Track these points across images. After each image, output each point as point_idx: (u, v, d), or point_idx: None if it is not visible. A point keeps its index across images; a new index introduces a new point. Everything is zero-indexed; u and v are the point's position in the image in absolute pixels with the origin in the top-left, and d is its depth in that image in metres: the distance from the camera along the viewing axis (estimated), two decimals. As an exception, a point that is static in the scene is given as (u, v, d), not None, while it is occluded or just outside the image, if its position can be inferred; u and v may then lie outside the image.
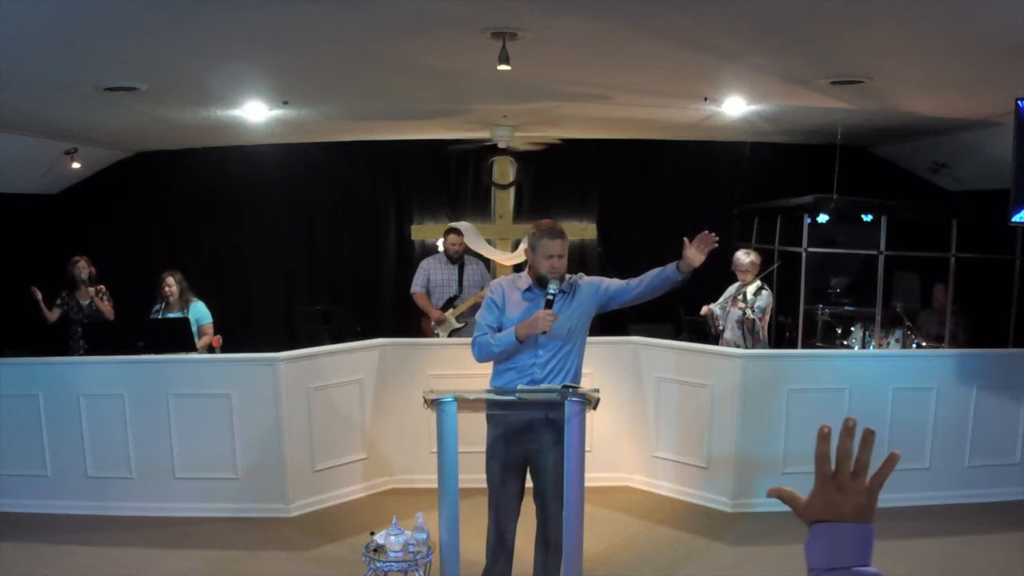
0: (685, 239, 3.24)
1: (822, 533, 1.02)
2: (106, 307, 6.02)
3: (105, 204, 7.77)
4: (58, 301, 5.96)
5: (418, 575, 3.27)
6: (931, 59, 3.87)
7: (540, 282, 3.34)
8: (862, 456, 1.01)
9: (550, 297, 3.25)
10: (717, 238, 3.23)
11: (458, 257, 6.35)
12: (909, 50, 3.70)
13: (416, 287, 6.34)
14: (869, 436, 1.01)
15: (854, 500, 1.01)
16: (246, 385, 4.67)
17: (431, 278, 6.31)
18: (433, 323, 6.26)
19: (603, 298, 3.41)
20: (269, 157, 7.75)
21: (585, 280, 3.45)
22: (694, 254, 3.20)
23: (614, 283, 3.42)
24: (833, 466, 1.02)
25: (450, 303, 6.26)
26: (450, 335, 6.16)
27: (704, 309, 5.80)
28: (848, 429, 1.01)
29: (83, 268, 5.99)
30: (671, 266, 3.27)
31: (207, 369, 4.83)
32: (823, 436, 1.02)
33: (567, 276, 3.40)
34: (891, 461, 1.02)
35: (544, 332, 3.21)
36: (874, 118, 5.72)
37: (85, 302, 6.01)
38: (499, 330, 3.36)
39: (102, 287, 6.06)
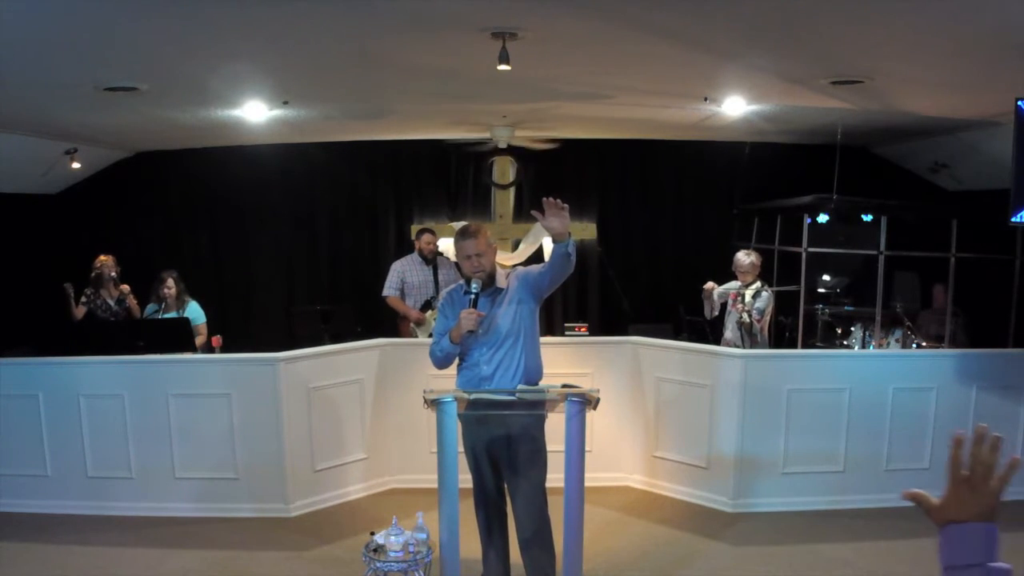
0: (534, 212, 3.22)
1: (956, 533, 1.10)
2: (135, 305, 6.03)
3: (105, 204, 7.77)
4: (83, 299, 5.96)
5: (418, 575, 3.27)
6: (931, 59, 3.87)
7: (469, 283, 3.42)
8: (991, 460, 1.10)
9: (472, 295, 3.35)
10: (558, 201, 3.14)
11: (433, 257, 6.29)
12: (909, 50, 3.70)
13: (389, 290, 6.18)
14: (997, 442, 1.10)
15: (983, 501, 1.09)
16: (246, 385, 4.67)
17: (406, 280, 6.17)
18: (412, 324, 6.16)
19: (533, 287, 3.45)
20: (269, 157, 7.75)
21: (517, 273, 3.51)
22: (549, 223, 3.16)
23: (535, 270, 3.47)
24: (966, 471, 1.11)
25: (428, 305, 6.15)
26: (430, 336, 6.08)
27: (709, 284, 5.62)
28: (981, 436, 1.10)
29: (111, 267, 6.00)
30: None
31: (207, 369, 4.83)
32: (957, 443, 1.12)
33: (502, 272, 3.49)
34: (1014, 464, 1.10)
35: (471, 331, 3.32)
36: (874, 118, 5.72)
37: (112, 300, 6.00)
38: None
39: (126, 286, 6.05)
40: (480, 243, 3.41)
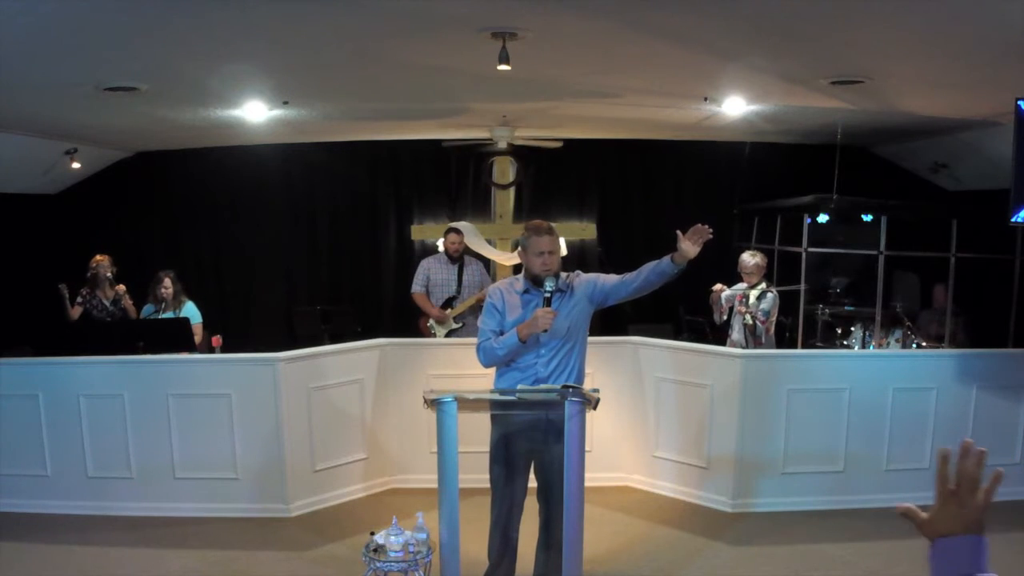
0: (679, 232, 3.27)
1: (947, 546, 1.14)
2: (131, 306, 6.03)
3: (105, 204, 7.77)
4: (79, 299, 5.94)
5: (418, 575, 3.27)
6: (931, 59, 3.87)
7: (536, 281, 3.36)
8: (976, 474, 1.14)
9: (547, 295, 3.27)
10: (711, 230, 3.25)
11: (458, 257, 6.36)
12: (909, 50, 3.70)
13: (416, 287, 6.35)
14: (982, 456, 1.15)
15: (970, 514, 1.14)
16: (246, 385, 4.66)
17: (431, 278, 6.31)
18: (431, 322, 6.26)
19: (600, 295, 3.42)
20: (269, 157, 7.75)
21: (581, 278, 3.47)
22: (689, 246, 3.22)
23: (610, 279, 3.43)
24: (952, 485, 1.14)
25: (448, 303, 6.26)
26: (447, 335, 6.16)
27: (717, 286, 5.46)
28: (967, 451, 1.15)
29: (107, 267, 5.99)
30: (666, 259, 3.28)
31: (207, 369, 4.83)
32: (943, 458, 1.16)
33: (564, 274, 3.42)
34: (997, 477, 1.15)
35: (545, 330, 3.22)
36: (874, 118, 5.72)
37: (108, 300, 6.00)
38: (501, 334, 3.37)
39: (122, 286, 6.05)
40: (555, 240, 3.37)
